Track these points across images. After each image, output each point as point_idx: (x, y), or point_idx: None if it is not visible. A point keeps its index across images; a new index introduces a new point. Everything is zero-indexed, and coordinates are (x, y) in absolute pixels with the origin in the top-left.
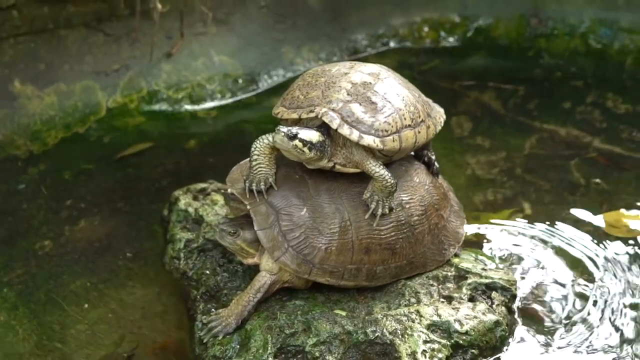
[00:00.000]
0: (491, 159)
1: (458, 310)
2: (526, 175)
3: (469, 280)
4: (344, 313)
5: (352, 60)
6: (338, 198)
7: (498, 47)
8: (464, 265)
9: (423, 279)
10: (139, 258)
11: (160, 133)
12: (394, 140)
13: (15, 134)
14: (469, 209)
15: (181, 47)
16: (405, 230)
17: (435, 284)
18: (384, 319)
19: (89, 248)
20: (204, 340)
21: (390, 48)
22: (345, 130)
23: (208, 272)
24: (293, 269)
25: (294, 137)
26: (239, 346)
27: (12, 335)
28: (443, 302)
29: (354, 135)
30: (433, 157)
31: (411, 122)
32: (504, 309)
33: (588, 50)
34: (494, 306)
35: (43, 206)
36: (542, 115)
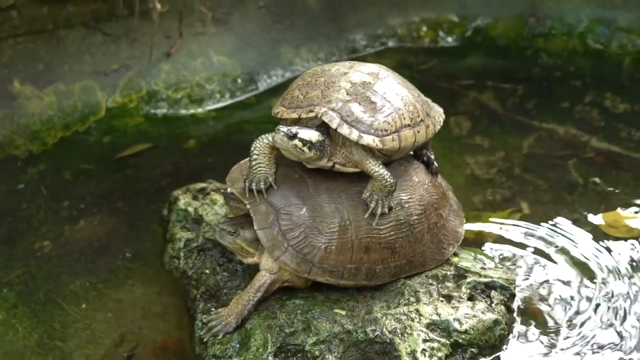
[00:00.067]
0: (490, 158)
1: (457, 309)
2: (525, 175)
3: (468, 280)
4: (343, 312)
5: (351, 60)
6: (337, 197)
7: (496, 47)
8: (463, 264)
9: (422, 278)
10: (139, 258)
11: (159, 133)
12: (393, 140)
13: (15, 134)
14: (468, 208)
15: (180, 47)
16: (404, 230)
17: (435, 283)
18: (384, 318)
19: (88, 248)
20: (204, 340)
21: (388, 48)
22: (344, 130)
23: (208, 272)
24: (293, 268)
25: (294, 137)
26: (239, 345)
27: (12, 334)
28: (442, 301)
29: (354, 134)
30: (432, 157)
31: (410, 122)
32: (503, 308)
33: (586, 50)
34: (493, 305)
35: (42, 206)
36: (541, 114)
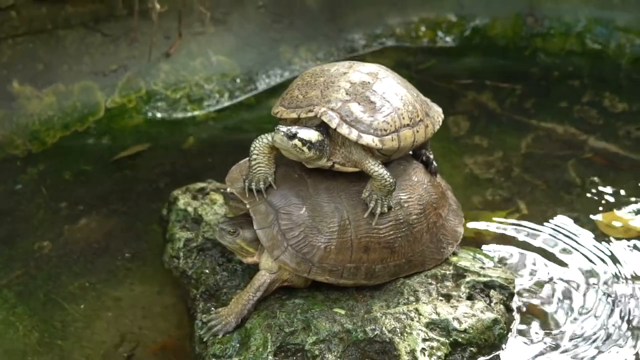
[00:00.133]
0: (488, 158)
1: (456, 309)
2: (523, 175)
3: (467, 279)
4: (343, 311)
5: (350, 59)
6: (337, 197)
7: (495, 47)
8: (463, 263)
9: (422, 278)
10: (138, 257)
11: (158, 133)
12: (392, 140)
13: (14, 134)
14: (467, 208)
15: (179, 47)
16: (403, 229)
17: (434, 282)
18: (383, 318)
19: (88, 248)
20: (204, 339)
21: (387, 47)
22: (344, 130)
23: (207, 271)
24: (292, 267)
25: (294, 137)
26: (239, 345)
27: (13, 332)
28: (442, 301)
29: (353, 134)
30: (431, 156)
31: (410, 122)
32: (502, 307)
33: (584, 50)
34: (492, 304)
35: (42, 206)
36: (539, 114)
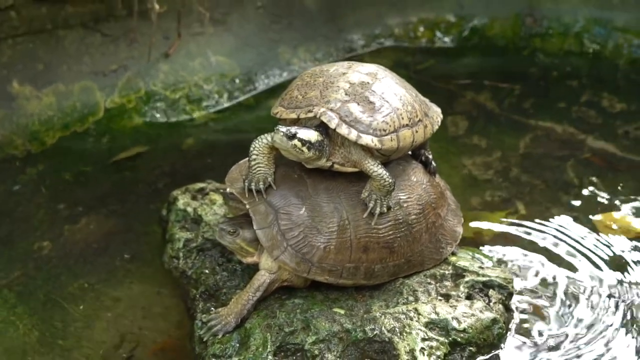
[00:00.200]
0: (487, 159)
1: (456, 308)
2: (522, 176)
3: (466, 279)
4: (342, 311)
5: (349, 59)
6: (336, 197)
7: (493, 47)
8: (462, 263)
9: (421, 277)
10: (138, 258)
11: (158, 134)
12: (391, 140)
13: (14, 134)
14: (466, 208)
15: (178, 48)
16: (403, 229)
17: (433, 282)
18: (383, 317)
19: (87, 248)
20: (204, 339)
21: (386, 48)
22: (343, 130)
23: (207, 271)
24: (292, 267)
25: (293, 137)
26: (239, 344)
27: (13, 331)
28: (441, 300)
29: (352, 134)
30: (430, 157)
31: (409, 122)
32: (501, 306)
33: (583, 50)
34: (491, 304)
35: (42, 206)
36: (538, 114)
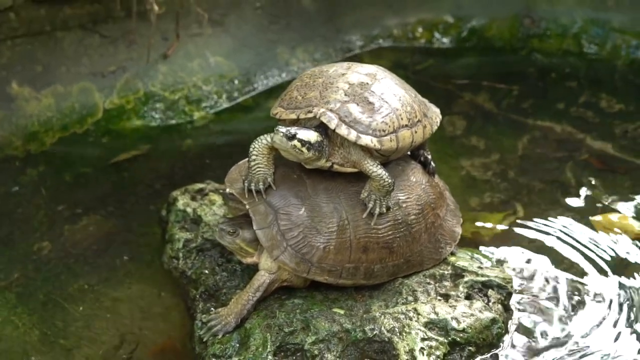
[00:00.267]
0: (485, 160)
1: (455, 308)
2: (520, 177)
3: (465, 279)
4: (342, 311)
5: (347, 60)
6: (336, 197)
7: (492, 48)
8: (461, 263)
9: (420, 277)
10: (138, 258)
11: (157, 135)
12: (391, 140)
13: (14, 135)
14: (465, 210)
15: (177, 49)
16: (402, 229)
17: (432, 282)
18: (382, 317)
19: (87, 249)
20: (204, 339)
21: (384, 48)
22: (343, 131)
23: (207, 272)
24: (292, 267)
25: (293, 137)
26: (239, 345)
27: (13, 330)
28: (440, 300)
29: (352, 135)
30: (429, 157)
31: (408, 122)
32: (500, 306)
33: (580, 51)
34: (491, 304)
35: (42, 207)
36: (536, 115)
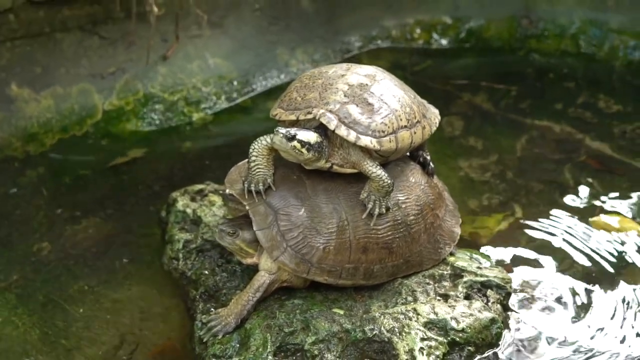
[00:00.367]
0: (484, 160)
1: (454, 308)
2: (519, 177)
3: (464, 279)
4: (342, 312)
5: (345, 61)
6: (335, 198)
7: (490, 48)
8: (460, 264)
9: (419, 278)
10: (138, 259)
11: (156, 136)
12: (390, 141)
13: (13, 136)
14: (463, 211)
15: (176, 50)
16: (401, 230)
17: (432, 282)
18: (382, 317)
19: (87, 250)
20: (204, 340)
21: (383, 49)
22: (342, 131)
23: (207, 272)
24: (291, 268)
25: (293, 138)
26: (239, 345)
27: (13, 330)
28: (439, 300)
29: (351, 136)
30: (428, 158)
31: (407, 123)
32: (499, 306)
33: (579, 51)
34: (490, 304)
35: (42, 208)
36: (535, 115)
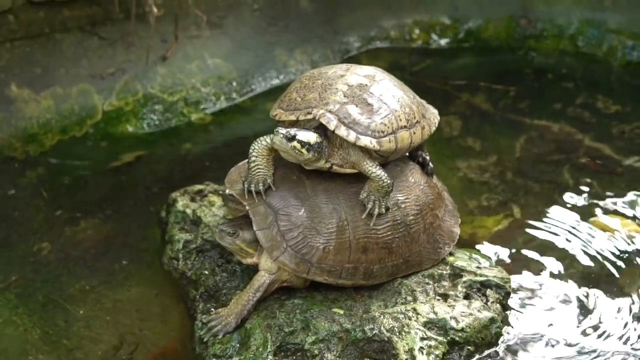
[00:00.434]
0: (483, 161)
1: (454, 308)
2: (518, 178)
3: (464, 278)
4: (341, 311)
5: (344, 61)
6: (335, 198)
7: (488, 49)
8: (459, 263)
9: (419, 278)
10: (138, 259)
11: (156, 137)
12: (390, 141)
13: (13, 137)
14: (462, 211)
15: (176, 51)
16: (401, 230)
17: (431, 282)
18: (381, 317)
19: (87, 251)
20: (204, 340)
21: (381, 49)
22: (342, 132)
23: (207, 272)
24: (291, 268)
25: (293, 139)
26: (239, 345)
27: (14, 330)
28: (439, 300)
29: (351, 136)
30: (427, 158)
31: (407, 123)
32: (498, 306)
33: (577, 51)
34: (489, 303)
35: (42, 209)
36: (533, 116)
